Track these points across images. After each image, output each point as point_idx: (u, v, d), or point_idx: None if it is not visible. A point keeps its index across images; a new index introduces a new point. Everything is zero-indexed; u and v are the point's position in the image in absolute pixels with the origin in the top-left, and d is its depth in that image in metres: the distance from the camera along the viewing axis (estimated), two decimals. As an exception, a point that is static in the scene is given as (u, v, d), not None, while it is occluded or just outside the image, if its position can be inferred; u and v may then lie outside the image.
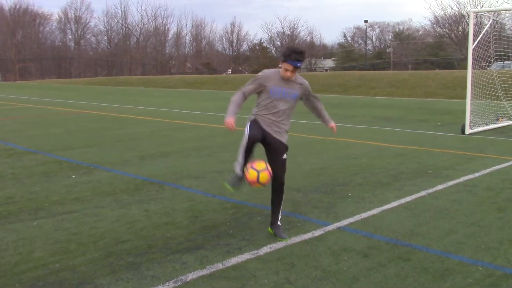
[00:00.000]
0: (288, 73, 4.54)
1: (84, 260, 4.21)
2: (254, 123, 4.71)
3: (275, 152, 4.73)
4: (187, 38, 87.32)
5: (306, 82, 4.81)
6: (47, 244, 4.61)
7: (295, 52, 4.47)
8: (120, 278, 3.84)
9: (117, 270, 3.99)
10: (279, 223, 4.78)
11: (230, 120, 4.61)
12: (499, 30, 15.01)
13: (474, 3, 46.50)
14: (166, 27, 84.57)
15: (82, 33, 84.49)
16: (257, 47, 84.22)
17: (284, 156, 4.74)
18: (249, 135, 4.59)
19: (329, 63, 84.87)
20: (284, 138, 4.76)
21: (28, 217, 5.43)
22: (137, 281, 3.79)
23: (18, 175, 7.57)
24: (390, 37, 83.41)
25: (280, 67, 4.65)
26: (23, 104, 23.06)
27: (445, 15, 51.73)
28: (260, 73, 4.78)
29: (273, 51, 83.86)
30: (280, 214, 4.80)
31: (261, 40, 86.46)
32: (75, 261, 4.19)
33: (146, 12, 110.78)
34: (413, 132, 12.12)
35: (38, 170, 7.95)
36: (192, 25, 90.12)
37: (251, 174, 4.46)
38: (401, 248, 4.43)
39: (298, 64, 4.49)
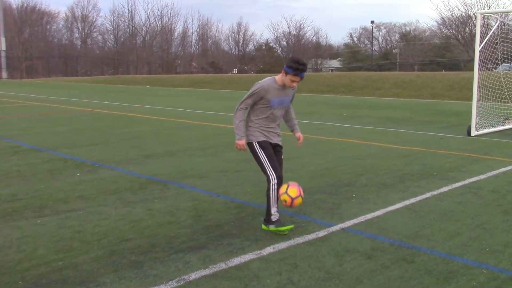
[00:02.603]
0: (295, 84, 4.80)
1: (88, 258, 4.21)
2: (265, 148, 4.83)
3: (279, 155, 5.03)
4: (193, 37, 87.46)
5: (296, 85, 4.99)
6: (50, 242, 4.62)
7: (302, 64, 4.68)
8: (123, 277, 3.84)
9: (120, 269, 4.00)
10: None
11: (242, 142, 4.87)
12: (506, 31, 14.90)
13: (481, 5, 46.32)
14: (172, 26, 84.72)
15: (89, 31, 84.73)
16: (263, 47, 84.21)
17: (282, 156, 5.10)
18: (275, 174, 4.74)
19: (335, 63, 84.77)
20: (280, 140, 5.08)
21: (32, 215, 5.45)
22: (140, 280, 3.79)
23: (23, 173, 7.60)
24: (397, 38, 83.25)
25: (282, 75, 4.81)
26: (29, 102, 23.15)
27: (452, 16, 51.56)
28: (257, 87, 4.80)
29: (279, 51, 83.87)
30: None
31: (267, 40, 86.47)
32: (79, 259, 4.20)
33: (153, 11, 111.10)
34: (418, 133, 12.07)
35: (43, 167, 7.97)
36: (199, 25, 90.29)
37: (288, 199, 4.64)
38: (405, 250, 4.40)
39: (303, 75, 4.75)
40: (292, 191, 4.62)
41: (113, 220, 5.25)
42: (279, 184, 4.72)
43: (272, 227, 4.75)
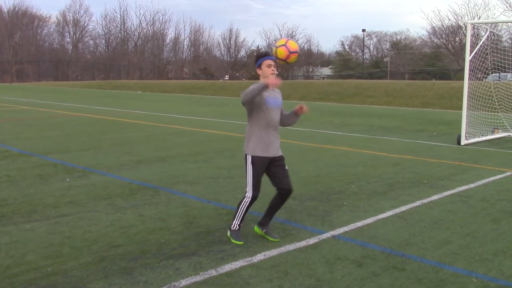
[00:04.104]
0: (272, 68, 4.67)
1: (77, 264, 4.18)
2: (254, 165, 4.70)
3: (281, 168, 4.82)
4: (185, 43, 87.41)
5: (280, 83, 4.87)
6: (40, 247, 4.58)
7: (261, 52, 4.81)
8: (113, 283, 3.82)
9: (110, 275, 3.97)
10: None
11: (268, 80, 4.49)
12: (496, 42, 15.07)
13: (471, 15, 46.79)
14: (164, 32, 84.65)
15: (80, 36, 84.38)
16: (255, 54, 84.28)
17: (286, 167, 4.88)
18: (252, 194, 4.71)
19: (326, 71, 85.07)
20: (281, 151, 4.87)
21: (21, 220, 5.40)
22: (130, 286, 3.77)
23: (12, 177, 7.54)
24: (388, 47, 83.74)
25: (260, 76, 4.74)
26: (20, 106, 23.00)
27: (443, 26, 51.92)
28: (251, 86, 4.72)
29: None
30: None
31: (258, 46, 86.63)
32: (68, 265, 4.16)
33: (145, 17, 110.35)
34: (409, 141, 12.14)
35: (33, 172, 7.92)
36: (191, 31, 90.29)
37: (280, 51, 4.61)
38: (396, 258, 4.42)
39: (273, 57, 4.71)
40: (292, 44, 4.63)
41: (103, 226, 5.22)
42: (251, 204, 4.74)
43: (229, 233, 4.80)
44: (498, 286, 3.87)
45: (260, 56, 4.74)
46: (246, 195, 4.73)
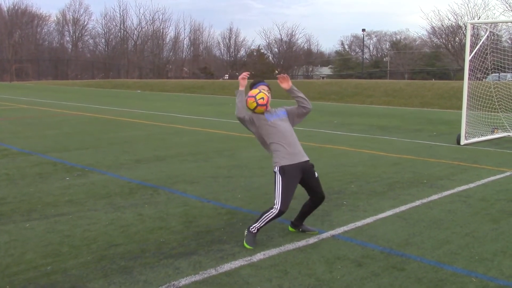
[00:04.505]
0: (266, 92, 4.86)
1: (76, 263, 4.18)
2: (284, 176, 4.64)
3: (311, 176, 4.79)
4: (185, 42, 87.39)
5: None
6: (39, 246, 4.58)
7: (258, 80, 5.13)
8: (112, 282, 3.82)
9: (109, 274, 3.97)
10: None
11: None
12: (496, 42, 15.06)
13: (471, 15, 46.77)
14: (164, 31, 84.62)
15: (80, 35, 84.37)
16: (255, 53, 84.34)
17: (316, 174, 4.84)
18: (280, 208, 4.59)
19: (326, 70, 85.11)
20: (307, 157, 4.82)
21: (20, 219, 5.40)
22: (129, 286, 3.77)
23: (12, 176, 7.53)
24: (387, 46, 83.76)
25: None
26: (19, 105, 22.99)
27: (442, 25, 51.86)
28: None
29: (270, 57, 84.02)
30: None
31: (258, 46, 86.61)
32: (67, 264, 4.16)
33: (144, 16, 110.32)
34: (409, 141, 12.14)
35: (32, 171, 7.91)
36: (190, 30, 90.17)
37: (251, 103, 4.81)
38: (395, 257, 4.42)
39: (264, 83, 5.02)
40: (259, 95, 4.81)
41: (102, 225, 5.22)
42: (276, 217, 4.63)
43: (245, 233, 4.72)
44: (497, 286, 3.87)
45: (256, 83, 5.04)
46: (274, 207, 4.60)
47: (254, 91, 4.86)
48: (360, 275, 4.01)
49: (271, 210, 4.60)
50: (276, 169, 4.67)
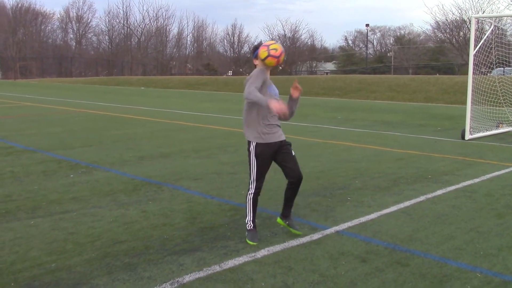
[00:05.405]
0: (280, 46, 4.57)
1: (81, 260, 4.19)
2: (258, 158, 4.59)
3: (286, 154, 4.69)
4: (188, 39, 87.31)
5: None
6: (43, 243, 4.59)
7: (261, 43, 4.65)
8: (116, 279, 3.82)
9: (113, 271, 3.97)
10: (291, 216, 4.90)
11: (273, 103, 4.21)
12: (500, 36, 14.98)
13: (475, 9, 46.52)
14: (167, 27, 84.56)
15: (84, 32, 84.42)
16: (253, 46, 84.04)
17: (293, 152, 4.74)
18: (255, 185, 4.63)
19: (330, 66, 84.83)
20: (284, 136, 4.75)
21: (25, 216, 5.41)
22: (134, 282, 3.77)
23: (16, 174, 7.55)
24: (391, 41, 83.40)
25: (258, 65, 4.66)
26: (23, 103, 23.05)
27: (446, 20, 51.61)
28: (256, 72, 4.54)
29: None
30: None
31: (262, 42, 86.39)
32: (72, 261, 4.17)
33: (148, 13, 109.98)
34: (413, 136, 12.10)
35: (36, 169, 7.93)
36: (194, 26, 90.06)
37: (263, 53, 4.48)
38: (400, 253, 4.41)
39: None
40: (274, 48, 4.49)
41: (107, 222, 5.23)
42: (257, 194, 4.66)
43: (246, 233, 4.71)
44: (502, 281, 3.86)
45: (257, 47, 4.65)
46: (249, 188, 4.66)
47: (268, 42, 4.58)
48: (365, 271, 4.00)
49: (247, 194, 4.68)
50: (252, 148, 4.63)
